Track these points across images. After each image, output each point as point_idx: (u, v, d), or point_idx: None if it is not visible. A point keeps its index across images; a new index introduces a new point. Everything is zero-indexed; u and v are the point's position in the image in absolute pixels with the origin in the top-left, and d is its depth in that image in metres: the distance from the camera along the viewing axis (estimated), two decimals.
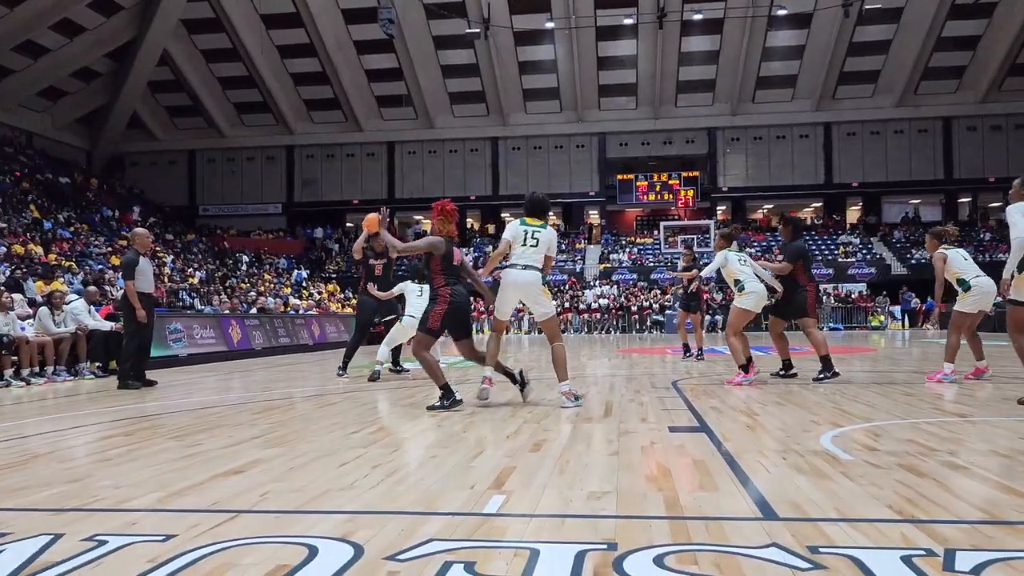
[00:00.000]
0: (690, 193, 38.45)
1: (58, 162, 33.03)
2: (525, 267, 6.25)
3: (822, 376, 7.96)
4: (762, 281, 8.14)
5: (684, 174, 38.70)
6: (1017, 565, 2.25)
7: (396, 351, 10.42)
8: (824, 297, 31.49)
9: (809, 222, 39.59)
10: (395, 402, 7.11)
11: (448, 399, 6.15)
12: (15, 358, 10.05)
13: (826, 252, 35.80)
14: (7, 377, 9.72)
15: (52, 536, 2.65)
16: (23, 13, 27.48)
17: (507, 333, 29.04)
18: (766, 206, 41.16)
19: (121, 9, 30.72)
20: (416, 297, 9.29)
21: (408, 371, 10.35)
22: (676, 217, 38.55)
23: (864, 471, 3.55)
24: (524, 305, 7.13)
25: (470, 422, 5.53)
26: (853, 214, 40.19)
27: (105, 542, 2.56)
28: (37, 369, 10.28)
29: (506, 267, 6.41)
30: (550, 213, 6.64)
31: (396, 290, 9.65)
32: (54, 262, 19.10)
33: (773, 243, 36.94)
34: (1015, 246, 5.92)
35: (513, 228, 6.37)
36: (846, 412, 5.65)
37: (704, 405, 6.23)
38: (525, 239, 6.28)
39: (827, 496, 3.08)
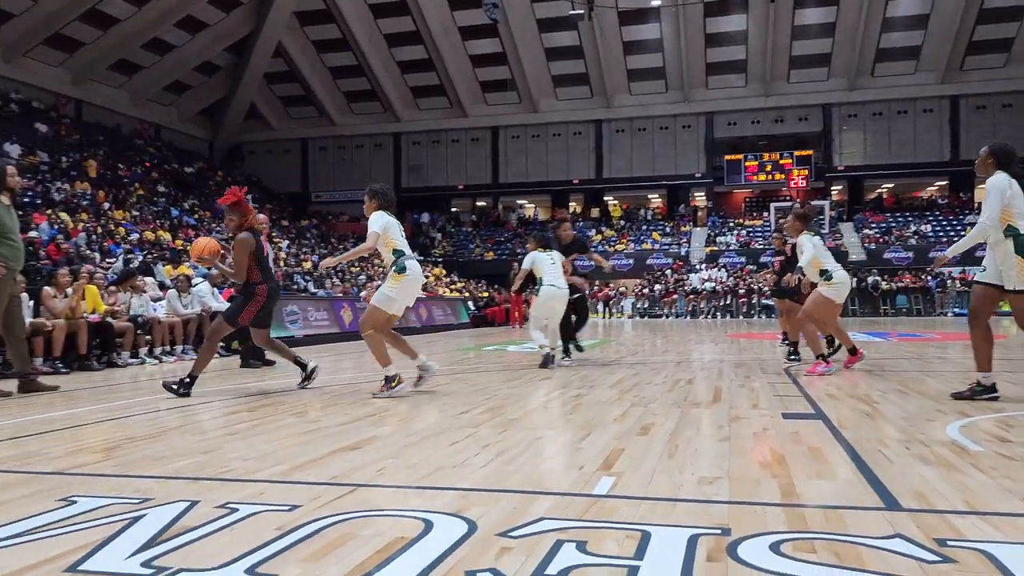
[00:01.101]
0: (803, 173, 37.09)
1: (183, 152, 34.93)
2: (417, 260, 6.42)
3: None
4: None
5: (796, 153, 37.33)
6: None
7: (569, 332, 9.35)
8: (948, 281, 29.87)
9: (931, 201, 37.55)
10: (502, 383, 7.20)
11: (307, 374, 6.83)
12: (148, 337, 10.74)
13: (951, 233, 33.85)
14: (142, 355, 10.44)
15: (189, 503, 2.83)
16: (150, 12, 29.10)
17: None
18: (885, 185, 39.25)
19: (239, 4, 32.09)
20: (550, 265, 8.52)
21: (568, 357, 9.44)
22: (788, 198, 37.25)
23: (996, 463, 3.37)
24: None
25: (576, 405, 5.55)
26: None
27: (236, 510, 2.72)
28: (168, 348, 10.95)
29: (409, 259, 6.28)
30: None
31: (525, 264, 8.75)
32: (181, 247, 20.23)
33: (893, 224, 35.26)
34: (977, 230, 5.42)
35: (383, 220, 6.21)
36: (974, 401, 5.36)
37: (819, 392, 6.04)
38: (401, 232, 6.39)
39: (956, 488, 2.94)
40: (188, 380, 6.38)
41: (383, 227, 6.12)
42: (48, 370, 8.74)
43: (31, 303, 9.07)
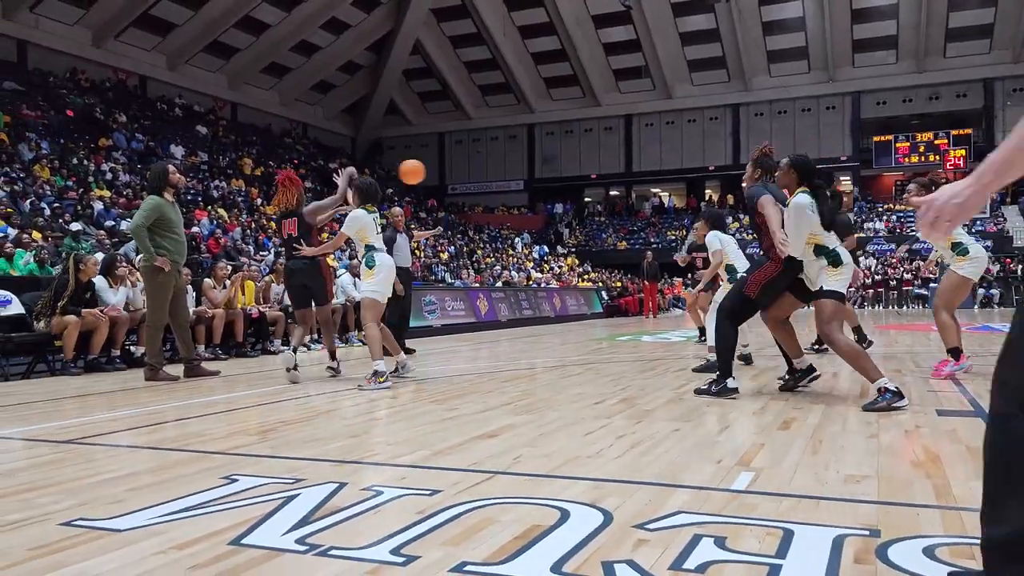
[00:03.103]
0: (961, 153, 34.56)
1: (328, 149, 36.61)
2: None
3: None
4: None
5: (954, 132, 34.82)
6: None
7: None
8: None
9: None
10: (636, 374, 7.14)
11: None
12: None
13: None
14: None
15: (337, 484, 2.99)
16: (297, 16, 30.63)
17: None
18: None
19: (379, 4, 33.23)
20: (735, 247, 7.64)
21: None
22: (945, 180, 34.78)
23: None
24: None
25: (713, 398, 5.44)
26: None
27: (381, 492, 2.85)
28: (315, 336, 11.53)
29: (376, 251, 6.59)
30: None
31: (716, 245, 7.62)
32: (324, 239, 21.22)
33: None
34: None
35: (357, 223, 6.65)
36: None
37: (979, 387, 5.63)
38: (376, 227, 6.66)
39: None
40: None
41: (355, 230, 6.63)
42: (209, 356, 9.42)
43: (193, 294, 9.78)
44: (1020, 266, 28.65)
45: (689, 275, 32.83)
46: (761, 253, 5.43)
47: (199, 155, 24.73)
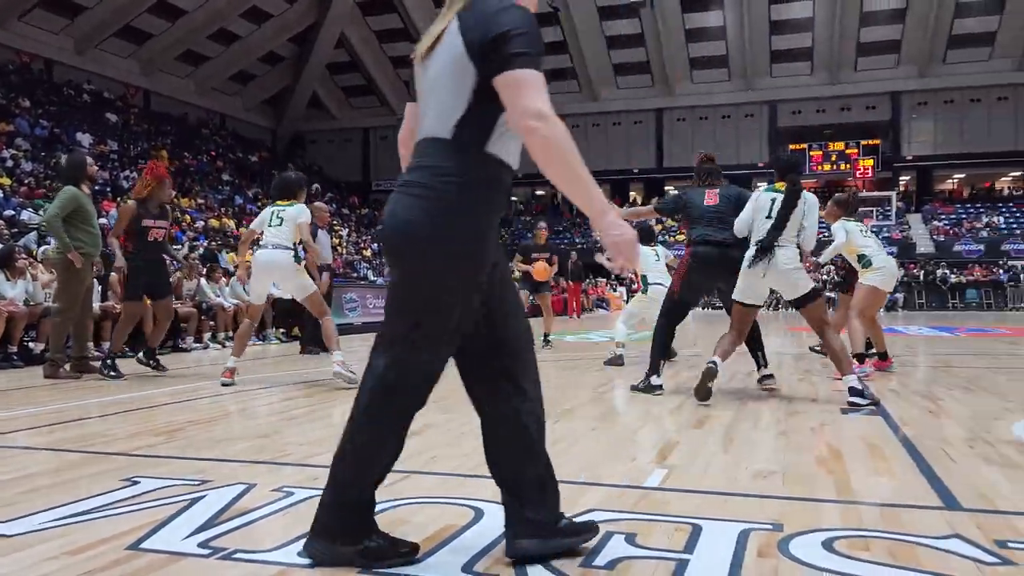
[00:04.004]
0: (869, 163, 36.03)
1: (247, 141, 35.67)
2: (275, 247, 6.21)
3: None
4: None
5: (863, 142, 36.25)
6: None
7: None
8: (1021, 275, 28.78)
9: (1006, 193, 36.16)
10: (557, 373, 7.20)
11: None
12: (212, 323, 11.04)
13: None
14: (206, 340, 10.74)
15: (246, 485, 2.90)
16: (217, 3, 29.77)
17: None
18: (956, 175, 37.92)
19: None
20: (654, 261, 7.93)
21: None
22: (853, 189, 36.27)
23: None
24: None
25: (632, 396, 5.52)
26: None
27: (292, 493, 2.78)
28: (230, 333, 11.23)
29: (256, 249, 6.51)
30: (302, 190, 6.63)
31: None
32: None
33: (964, 216, 34.06)
34: None
35: (262, 214, 6.54)
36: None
37: (882, 387, 5.88)
38: (271, 219, 6.33)
39: (1019, 489, 2.85)
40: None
41: (256, 223, 6.56)
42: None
43: (99, 288, 9.40)
44: (922, 272, 30.07)
45: (613, 276, 33.34)
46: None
47: (108, 144, 23.76)
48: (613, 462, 3.35)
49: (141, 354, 7.46)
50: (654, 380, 5.48)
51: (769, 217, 5.27)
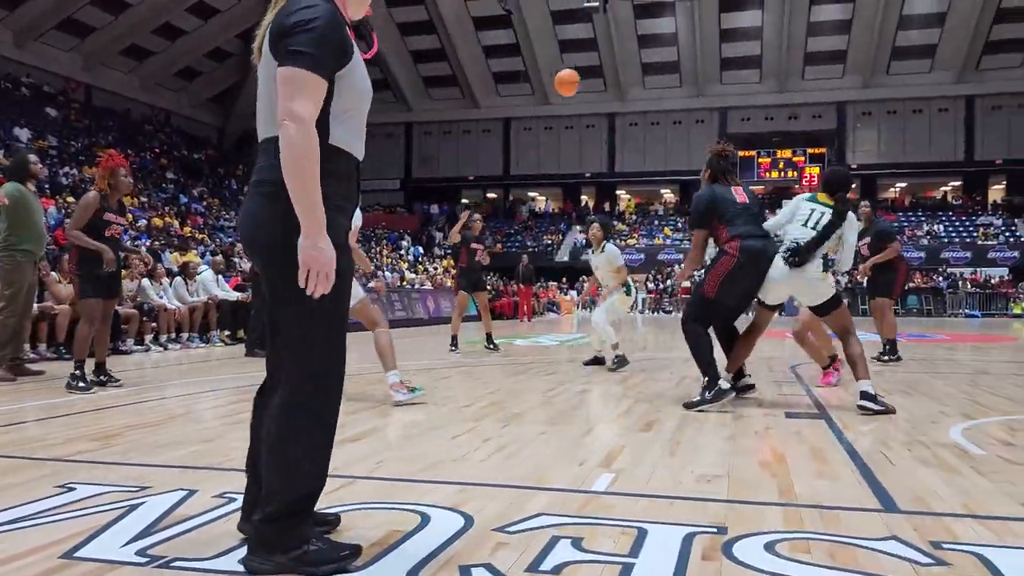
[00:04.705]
0: (815, 170, 36.82)
1: (192, 139, 34.94)
2: None
3: (887, 358, 8.22)
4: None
5: (810, 150, 37.10)
6: None
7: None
8: (960, 282, 29.70)
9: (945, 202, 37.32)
10: (506, 377, 7.20)
11: None
12: (154, 324, 10.78)
13: (963, 234, 33.63)
14: (147, 342, 10.48)
15: (187, 492, 2.84)
16: None
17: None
18: (899, 184, 39.00)
19: None
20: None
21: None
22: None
23: (997, 467, 3.35)
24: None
25: (581, 400, 5.55)
26: (996, 193, 37.49)
27: (234, 500, 2.72)
28: (173, 335, 11.00)
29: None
30: None
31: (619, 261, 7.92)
32: (188, 234, 20.29)
33: (906, 224, 35.03)
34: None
35: None
36: (980, 404, 5.33)
37: (825, 392, 6.01)
38: None
39: (955, 491, 2.93)
40: None
41: None
42: (52, 356, 8.83)
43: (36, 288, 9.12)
44: (865, 278, 30.81)
45: (564, 279, 33.48)
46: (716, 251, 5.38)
47: (48, 139, 23.08)
48: (561, 466, 3.35)
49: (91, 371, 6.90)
50: (722, 384, 5.10)
51: (806, 225, 5.16)
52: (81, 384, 5.98)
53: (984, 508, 2.70)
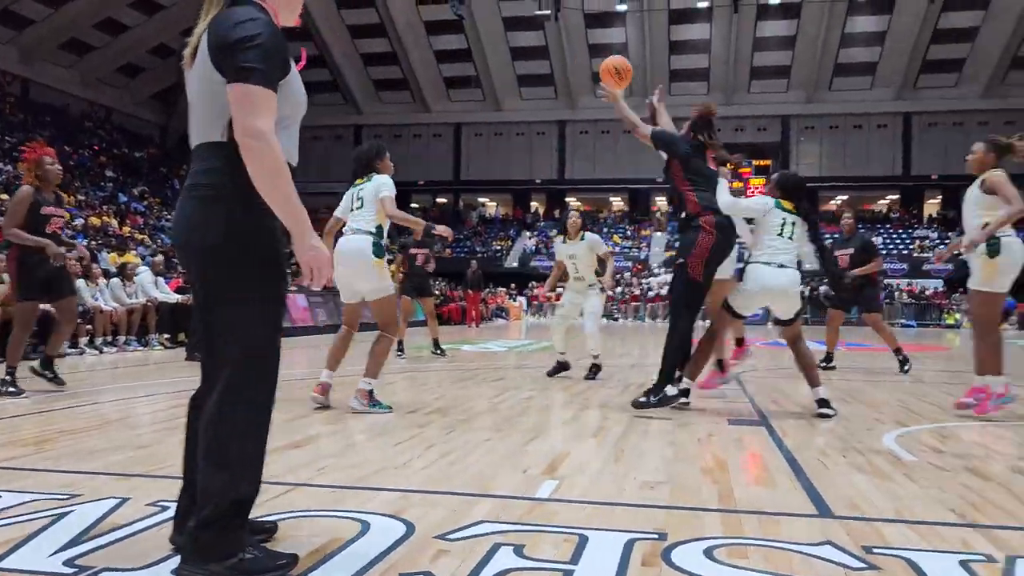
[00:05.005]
0: (760, 182, 37.54)
1: (134, 136, 34.09)
2: (354, 231, 5.17)
3: (908, 368, 8.30)
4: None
5: (755, 162, 37.84)
6: None
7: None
8: (896, 293, 30.58)
9: (883, 215, 38.42)
10: (453, 383, 7.17)
11: None
12: (90, 327, 10.46)
13: (900, 246, 34.66)
14: (82, 345, 10.14)
15: (119, 500, 2.76)
16: None
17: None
18: (840, 197, 40.04)
19: None
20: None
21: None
22: None
23: (927, 473, 3.45)
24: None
25: (527, 407, 5.55)
26: (931, 207, 38.77)
27: (168, 507, 2.65)
28: (110, 338, 10.69)
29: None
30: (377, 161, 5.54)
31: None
32: (127, 234, 19.80)
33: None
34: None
35: (344, 197, 5.48)
36: (913, 412, 5.48)
37: (766, 399, 6.12)
38: (352, 203, 5.36)
39: (887, 496, 3.01)
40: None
41: (340, 209, 5.59)
42: None
43: None
44: (807, 288, 31.54)
45: (513, 285, 33.51)
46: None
47: None
48: (505, 473, 3.35)
49: (38, 363, 6.48)
50: (669, 391, 5.05)
51: (782, 235, 5.08)
52: (12, 389, 5.74)
53: (914, 513, 2.77)
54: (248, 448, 2.07)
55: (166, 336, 11.58)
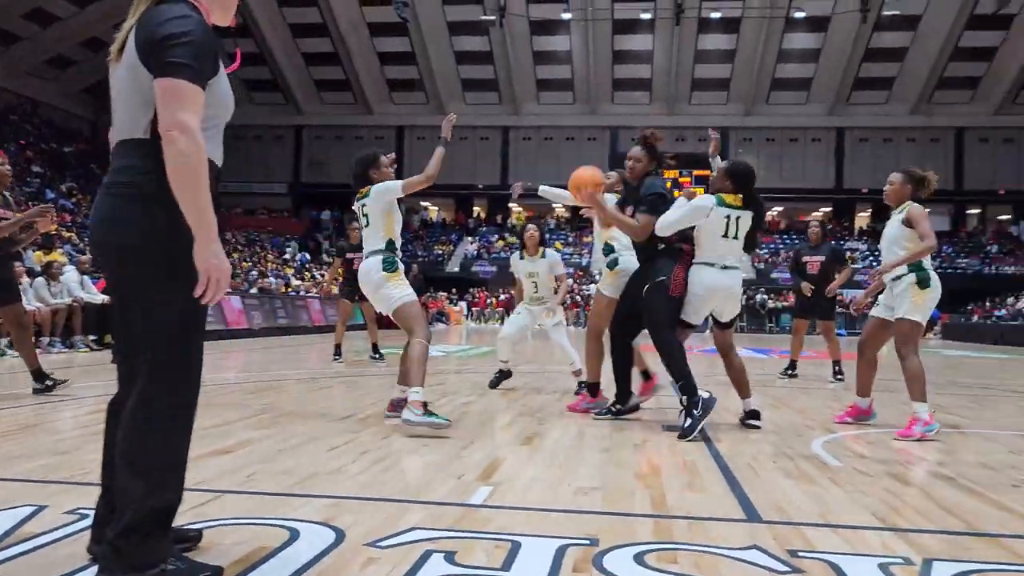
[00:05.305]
0: (700, 191, 37.87)
1: (63, 131, 32.97)
2: (367, 255, 5.33)
3: (841, 378, 8.50)
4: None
5: (695, 172, 38.49)
6: None
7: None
8: None
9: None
10: (390, 388, 7.08)
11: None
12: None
13: None
14: (2, 347, 9.72)
15: (36, 507, 2.65)
16: None
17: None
18: (776, 208, 41.03)
19: None
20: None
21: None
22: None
23: (851, 478, 3.54)
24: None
25: (464, 412, 5.53)
26: (862, 220, 40.06)
27: (87, 516, 2.55)
28: (32, 339, 10.26)
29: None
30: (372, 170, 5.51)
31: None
32: (54, 232, 19.12)
33: (781, 246, 36.86)
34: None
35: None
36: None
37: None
38: (361, 220, 5.37)
39: (812, 501, 3.08)
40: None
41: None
42: None
43: None
44: (744, 296, 32.21)
45: (454, 290, 33.45)
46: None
47: None
48: (439, 480, 3.32)
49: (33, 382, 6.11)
50: (703, 396, 4.75)
51: (727, 236, 4.99)
52: (48, 383, 5.78)
53: (838, 517, 2.84)
54: (168, 454, 2.02)
55: (92, 338, 11.21)
